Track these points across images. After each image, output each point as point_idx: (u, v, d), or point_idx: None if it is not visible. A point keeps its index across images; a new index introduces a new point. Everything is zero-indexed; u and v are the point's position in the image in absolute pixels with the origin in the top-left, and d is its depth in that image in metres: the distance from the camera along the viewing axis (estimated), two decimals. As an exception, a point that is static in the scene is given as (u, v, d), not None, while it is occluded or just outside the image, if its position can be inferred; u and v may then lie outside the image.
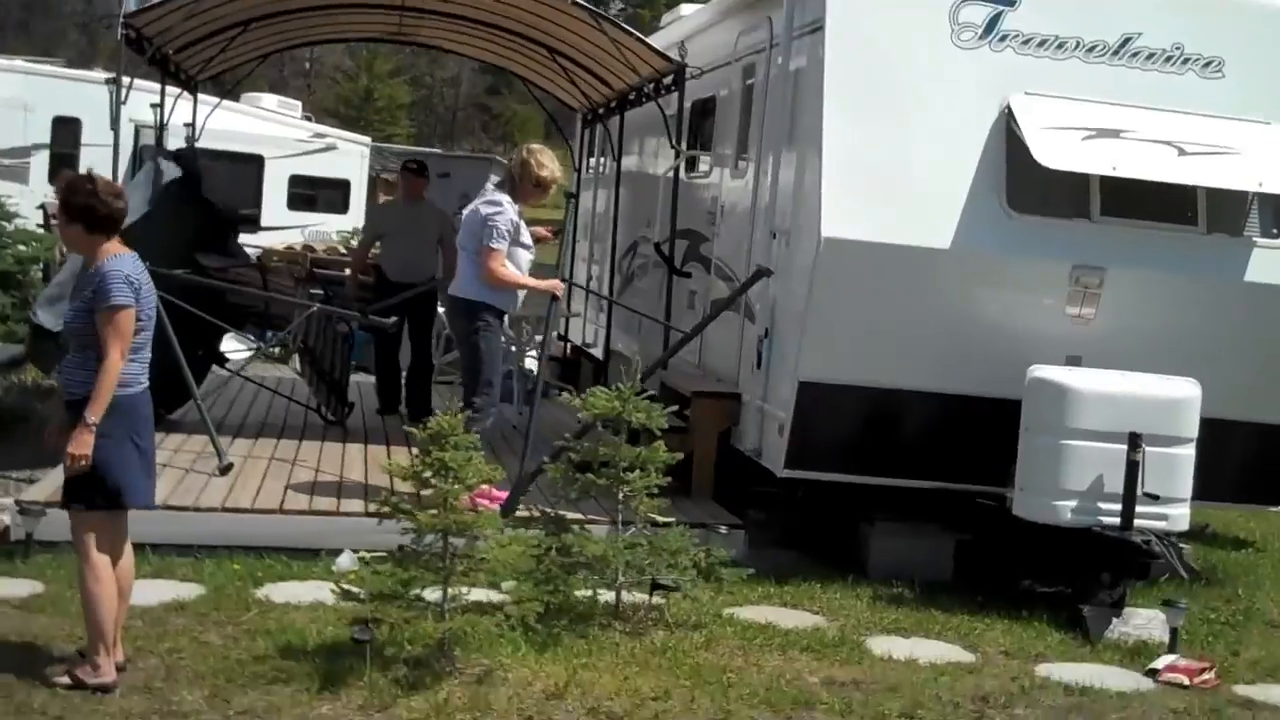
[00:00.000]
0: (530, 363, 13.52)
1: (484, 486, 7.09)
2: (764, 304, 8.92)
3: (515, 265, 8.44)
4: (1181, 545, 8.52)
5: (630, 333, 12.31)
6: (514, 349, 12.26)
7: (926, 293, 8.25)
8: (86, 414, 5.55)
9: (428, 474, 6.34)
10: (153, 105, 11.97)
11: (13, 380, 12.40)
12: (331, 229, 21.27)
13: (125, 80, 9.56)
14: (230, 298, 10.49)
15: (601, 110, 13.40)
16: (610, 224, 13.28)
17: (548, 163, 8.49)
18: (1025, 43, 8.41)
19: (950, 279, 8.26)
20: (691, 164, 11.05)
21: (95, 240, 5.73)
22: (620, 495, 7.14)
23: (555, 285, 8.89)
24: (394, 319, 10.30)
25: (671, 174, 10.48)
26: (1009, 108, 8.28)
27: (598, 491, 7.22)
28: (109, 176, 7.61)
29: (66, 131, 19.36)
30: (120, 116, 9.53)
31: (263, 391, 11.86)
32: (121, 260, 5.70)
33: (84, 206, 5.71)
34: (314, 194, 22.12)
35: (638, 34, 10.40)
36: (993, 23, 8.38)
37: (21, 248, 13.59)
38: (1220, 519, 10.71)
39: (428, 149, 30.50)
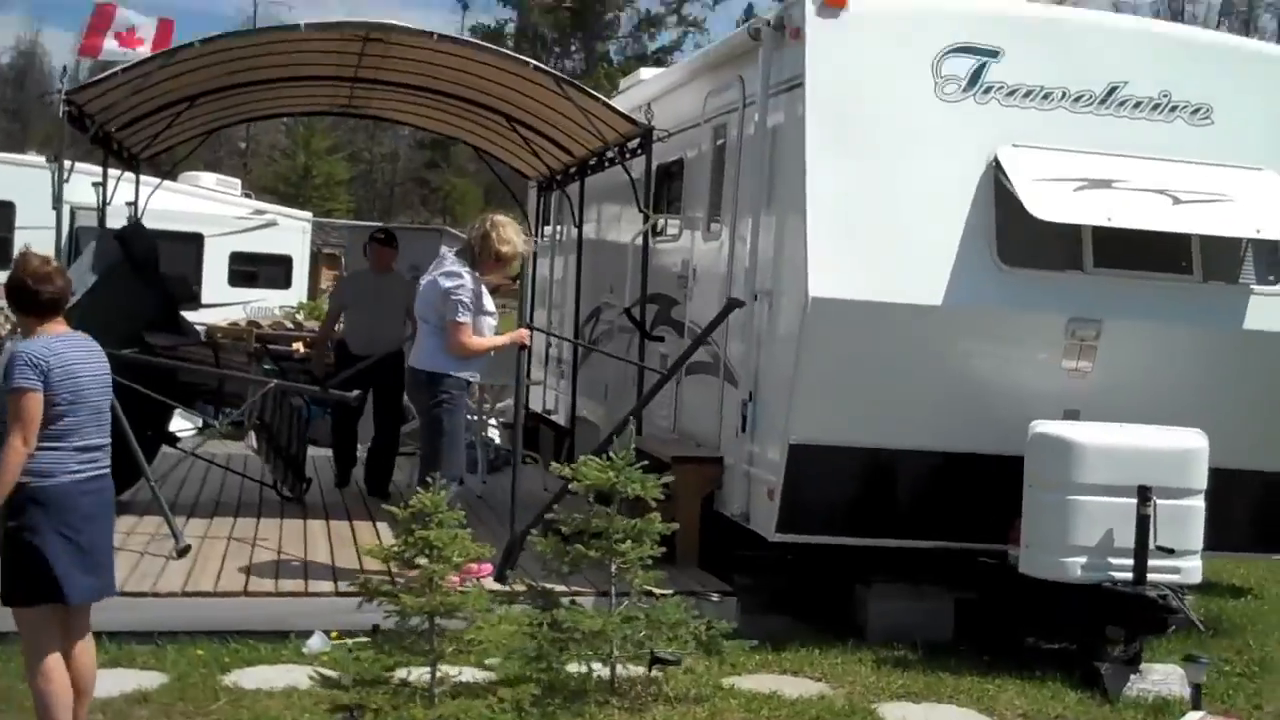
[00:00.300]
0: (493, 431, 13.16)
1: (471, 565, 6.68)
2: (746, 367, 8.55)
3: (479, 334, 8.06)
4: (1185, 596, 8.20)
5: (595, 399, 11.93)
6: (474, 418, 11.84)
7: (919, 350, 7.94)
8: None
9: (411, 554, 5.89)
10: (95, 184, 11.56)
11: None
12: (274, 304, 20.86)
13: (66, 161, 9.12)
14: (182, 376, 10.02)
15: (559, 177, 13.06)
16: (569, 291, 12.93)
17: (511, 237, 8.08)
18: (1010, 94, 8.16)
19: (943, 336, 7.96)
20: (656, 228, 10.71)
21: (30, 322, 5.47)
22: (614, 568, 6.71)
23: (521, 335, 8.48)
24: (357, 392, 9.83)
25: (639, 238, 10.13)
26: (996, 160, 8.01)
27: (589, 564, 6.79)
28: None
29: (1, 216, 18.86)
30: (62, 196, 9.07)
31: (214, 469, 11.32)
32: (34, 341, 5.37)
33: (10, 288, 5.45)
34: (255, 270, 21.67)
35: (603, 99, 10.07)
36: (977, 74, 8.13)
37: (-40, 334, 13.04)
38: (1210, 566, 10.35)
39: (369, 223, 30.10)
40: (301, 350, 15.47)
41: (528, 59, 10.31)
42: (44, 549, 5.25)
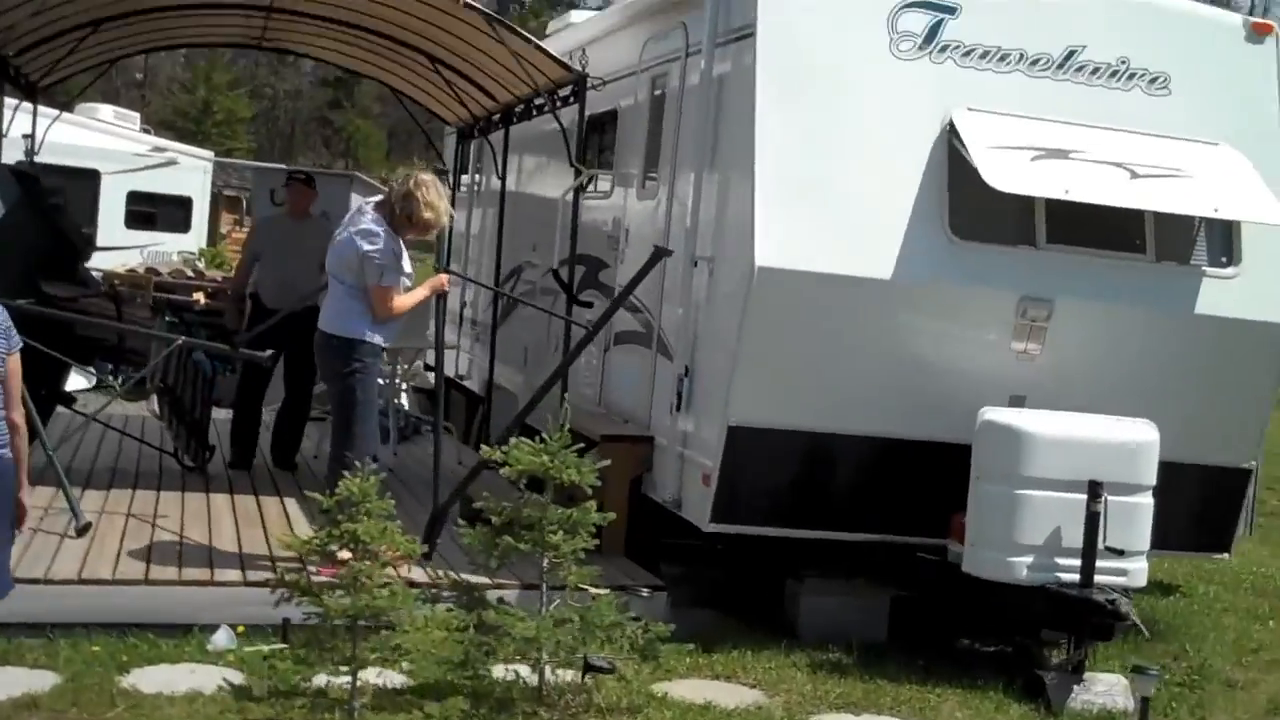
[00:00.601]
0: (403, 398, 12.67)
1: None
2: (683, 339, 8.13)
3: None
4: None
5: (513, 364, 11.47)
6: (383, 382, 11.30)
7: (865, 327, 7.60)
8: None
9: (335, 547, 5.45)
10: (-13, 114, 10.89)
11: None
12: (172, 249, 20.06)
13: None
14: (80, 330, 9.39)
15: (481, 124, 12.50)
16: (487, 248, 12.42)
17: (435, 201, 7.52)
18: (967, 54, 7.82)
19: (891, 312, 7.62)
20: (586, 184, 10.21)
21: None
22: (546, 562, 6.30)
23: (439, 281, 7.98)
24: (270, 352, 9.20)
25: (569, 194, 9.62)
26: (951, 124, 7.67)
27: (519, 557, 6.36)
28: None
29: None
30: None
31: (108, 432, 10.61)
32: None
33: None
34: (153, 211, 20.82)
35: (536, 41, 9.54)
36: (933, 31, 7.78)
37: None
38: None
39: (274, 164, 29.25)
40: (203, 302, 14.82)
41: None
42: None
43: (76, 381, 11.07)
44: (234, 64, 53.76)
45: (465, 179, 14.24)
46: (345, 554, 5.74)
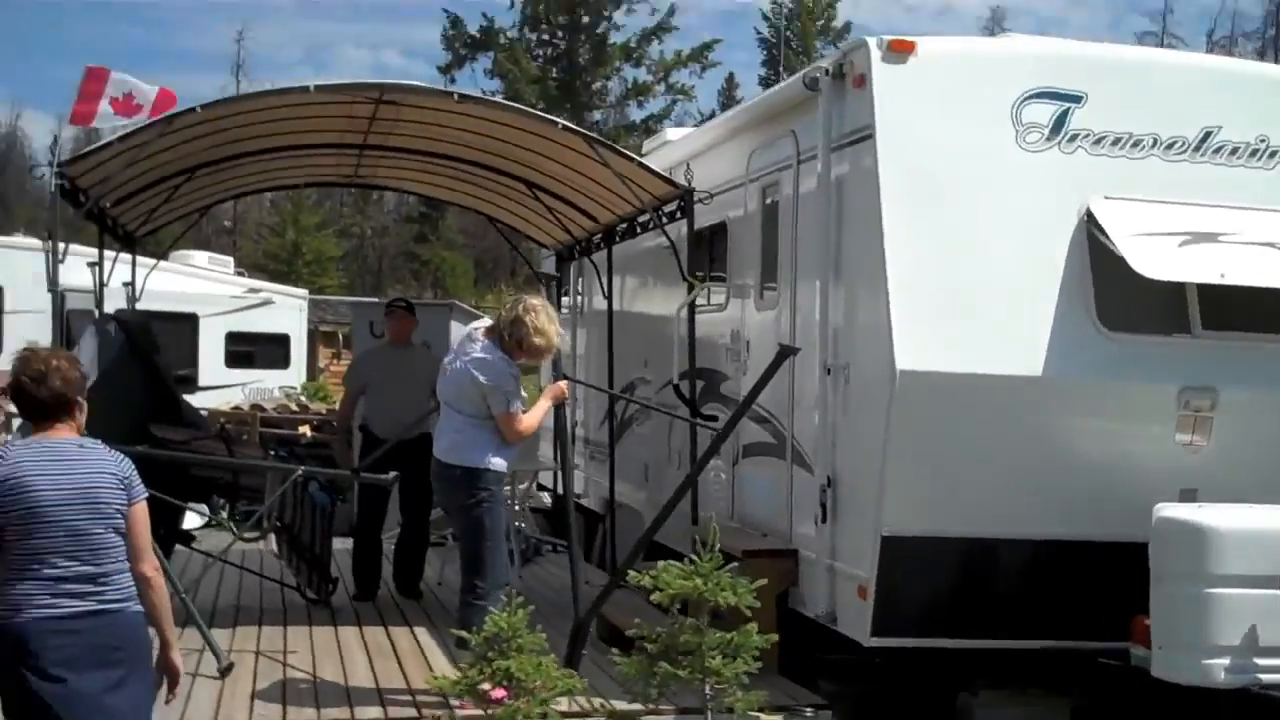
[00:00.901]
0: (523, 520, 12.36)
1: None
2: (821, 448, 7.77)
3: (516, 417, 7.34)
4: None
5: (634, 481, 11.14)
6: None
7: (1018, 427, 7.24)
8: None
9: (488, 686, 5.09)
10: (90, 264, 10.80)
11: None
12: (272, 385, 20.19)
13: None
14: (195, 471, 9.22)
15: (581, 245, 12.29)
16: (596, 367, 12.20)
17: (545, 326, 7.29)
18: (1098, 142, 7.54)
19: (1044, 410, 7.26)
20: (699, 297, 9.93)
21: (31, 425, 4.82)
22: (708, 689, 5.88)
23: (559, 390, 7.73)
24: (394, 474, 9.00)
25: (684, 309, 9.36)
26: (1089, 213, 7.37)
27: (679, 686, 5.96)
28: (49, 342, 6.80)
29: (-12, 301, 18.13)
30: (58, 278, 8.30)
31: (227, 569, 10.36)
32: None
33: (10, 388, 4.80)
34: (252, 350, 21.00)
35: (639, 159, 9.32)
36: (1060, 121, 7.51)
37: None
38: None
39: (369, 299, 29.44)
40: (309, 434, 14.68)
41: (555, 118, 9.59)
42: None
43: (190, 518, 10.84)
44: (320, 205, 54.58)
45: (566, 300, 14.04)
46: (499, 692, 5.38)
